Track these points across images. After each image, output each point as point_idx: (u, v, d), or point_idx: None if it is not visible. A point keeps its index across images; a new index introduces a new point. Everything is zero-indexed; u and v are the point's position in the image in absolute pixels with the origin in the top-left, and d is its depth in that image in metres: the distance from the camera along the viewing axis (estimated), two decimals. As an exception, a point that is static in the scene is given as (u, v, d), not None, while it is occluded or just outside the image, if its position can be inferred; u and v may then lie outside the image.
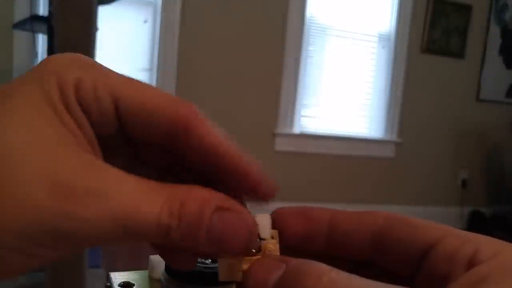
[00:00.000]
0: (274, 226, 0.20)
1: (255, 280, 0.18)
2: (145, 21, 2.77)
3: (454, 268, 0.16)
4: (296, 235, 0.20)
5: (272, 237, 0.20)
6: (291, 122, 3.09)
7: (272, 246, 0.20)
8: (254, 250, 0.19)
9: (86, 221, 0.16)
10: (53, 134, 0.17)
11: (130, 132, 0.20)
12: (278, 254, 0.20)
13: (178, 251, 0.20)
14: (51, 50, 1.46)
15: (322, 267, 0.16)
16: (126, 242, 0.17)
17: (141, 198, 0.17)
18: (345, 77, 3.21)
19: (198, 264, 0.37)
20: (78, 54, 0.20)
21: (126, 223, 0.16)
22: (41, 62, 0.20)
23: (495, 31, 3.52)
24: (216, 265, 0.37)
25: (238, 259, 0.19)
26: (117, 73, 0.20)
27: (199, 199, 0.18)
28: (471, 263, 0.16)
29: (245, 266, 0.19)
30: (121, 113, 0.19)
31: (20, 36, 2.39)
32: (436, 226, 0.18)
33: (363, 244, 0.19)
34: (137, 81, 0.20)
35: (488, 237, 0.17)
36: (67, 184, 0.16)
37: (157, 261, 0.46)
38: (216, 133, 0.19)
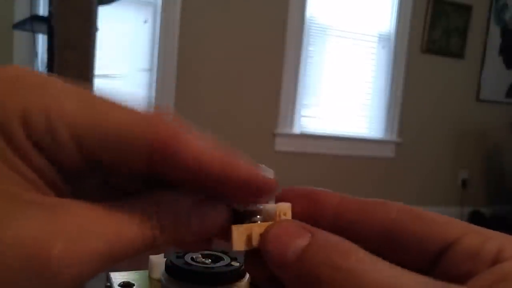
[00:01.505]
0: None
1: (276, 244, 0.17)
2: (145, 21, 2.77)
3: (477, 267, 0.16)
4: (298, 218, 0.19)
5: (284, 213, 0.19)
6: (291, 122, 3.09)
7: (287, 209, 0.19)
8: (260, 217, 0.18)
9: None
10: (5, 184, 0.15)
11: (97, 163, 0.17)
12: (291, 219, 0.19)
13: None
14: (51, 50, 1.46)
15: (350, 245, 0.16)
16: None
17: (119, 226, 0.16)
18: (345, 77, 3.21)
19: (198, 264, 0.37)
20: (20, 69, 0.17)
21: (113, 254, 0.16)
22: None
23: (495, 31, 3.52)
24: (216, 265, 0.37)
25: (251, 225, 0.18)
26: (71, 93, 0.16)
27: (171, 202, 0.17)
28: (496, 262, 0.15)
29: (261, 230, 0.18)
30: (84, 145, 0.16)
31: (20, 36, 2.39)
32: (454, 222, 0.17)
33: (371, 235, 0.18)
34: (97, 99, 0.16)
35: (508, 235, 0.17)
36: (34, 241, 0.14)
37: (157, 261, 0.46)
38: (202, 148, 0.16)
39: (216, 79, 2.89)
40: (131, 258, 0.17)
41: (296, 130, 3.12)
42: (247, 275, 0.37)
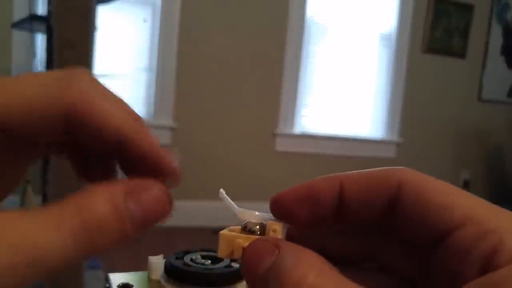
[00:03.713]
0: (279, 213, 0.20)
1: (248, 262, 0.17)
2: (144, 20, 2.77)
3: (466, 269, 0.15)
4: (303, 224, 0.19)
5: (274, 230, 0.19)
6: (291, 122, 3.09)
7: (277, 227, 0.19)
8: (257, 230, 0.19)
9: None
10: None
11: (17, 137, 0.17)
12: (282, 237, 0.19)
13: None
14: (50, 50, 1.45)
15: (308, 266, 0.15)
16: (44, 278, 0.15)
17: (34, 233, 0.14)
18: (346, 77, 3.20)
19: (197, 265, 0.37)
20: None
21: (31, 262, 0.14)
22: None
23: (496, 30, 3.52)
24: (216, 266, 0.36)
25: (239, 235, 0.18)
26: None
27: (105, 195, 0.16)
28: (487, 265, 0.14)
29: (246, 243, 0.18)
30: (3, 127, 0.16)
31: (19, 36, 2.39)
32: (458, 205, 0.16)
33: (374, 215, 0.18)
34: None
35: None
36: None
37: (157, 262, 0.46)
38: (115, 111, 0.17)
39: (216, 79, 2.88)
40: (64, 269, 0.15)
41: (296, 130, 3.12)
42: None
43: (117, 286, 0.46)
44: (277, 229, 0.19)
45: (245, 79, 2.95)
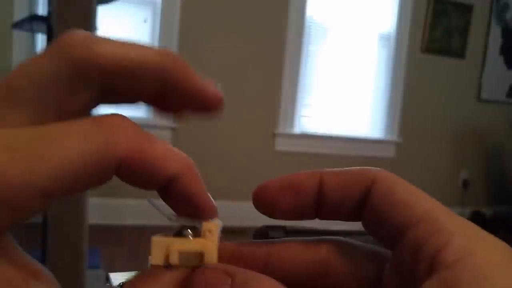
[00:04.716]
0: (262, 202, 0.20)
1: None
2: (145, 21, 2.77)
3: (417, 265, 0.15)
4: (286, 212, 0.19)
5: (209, 231, 0.18)
6: (291, 122, 3.09)
7: (213, 227, 0.18)
8: (191, 234, 0.18)
9: None
10: None
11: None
12: (217, 238, 0.18)
13: None
14: (50, 50, 1.45)
15: None
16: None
17: None
18: (345, 77, 3.21)
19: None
20: None
21: None
22: None
23: (496, 31, 3.51)
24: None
25: (173, 239, 0.18)
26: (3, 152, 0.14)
27: None
28: (434, 262, 0.14)
29: (181, 247, 0.17)
30: (47, 194, 0.14)
31: (19, 36, 2.39)
32: (420, 205, 0.16)
33: (348, 208, 0.18)
34: (38, 141, 0.14)
35: (468, 226, 0.16)
36: None
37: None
38: (167, 153, 0.17)
39: (216, 79, 2.86)
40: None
41: (296, 130, 3.12)
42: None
43: (118, 285, 0.46)
44: (213, 229, 0.18)
45: (245, 79, 2.95)
